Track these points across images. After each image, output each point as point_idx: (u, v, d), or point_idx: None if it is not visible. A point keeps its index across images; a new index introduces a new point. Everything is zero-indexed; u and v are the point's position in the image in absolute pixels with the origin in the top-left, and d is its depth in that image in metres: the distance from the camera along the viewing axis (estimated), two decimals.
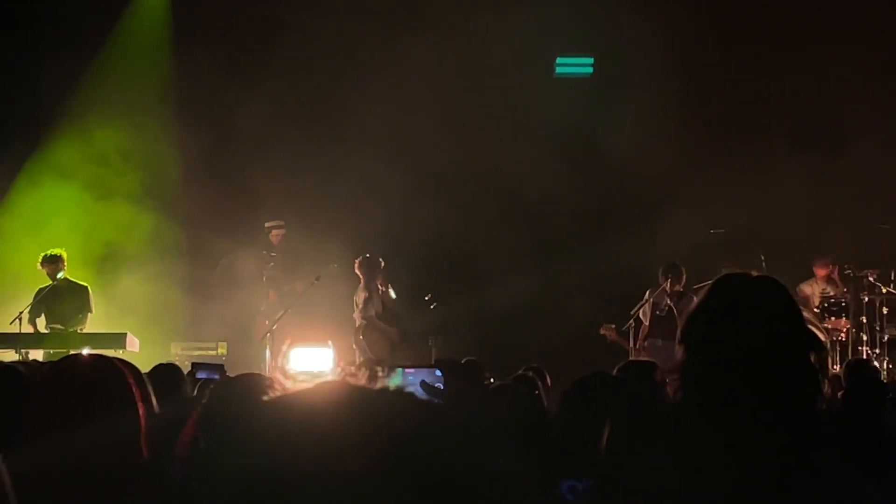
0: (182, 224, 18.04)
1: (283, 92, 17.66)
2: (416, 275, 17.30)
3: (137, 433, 3.93)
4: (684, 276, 15.53)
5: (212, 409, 3.93)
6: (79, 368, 4.13)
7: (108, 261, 17.42)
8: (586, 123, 18.05)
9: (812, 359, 3.05)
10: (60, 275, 15.49)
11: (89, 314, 15.61)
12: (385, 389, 1.78)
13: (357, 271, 16.23)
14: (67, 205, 17.49)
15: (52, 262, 15.55)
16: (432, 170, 18.01)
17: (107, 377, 4.06)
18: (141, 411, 3.98)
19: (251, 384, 4.14)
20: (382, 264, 16.33)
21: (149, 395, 4.30)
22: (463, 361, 5.34)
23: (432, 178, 17.99)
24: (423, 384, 4.20)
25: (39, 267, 15.63)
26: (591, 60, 18.94)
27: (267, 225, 17.85)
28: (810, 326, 3.10)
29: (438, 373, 4.24)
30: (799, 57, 17.61)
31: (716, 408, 2.99)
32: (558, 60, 19.02)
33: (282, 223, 17.84)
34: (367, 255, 16.30)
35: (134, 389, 4.05)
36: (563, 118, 17.83)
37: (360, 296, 16.22)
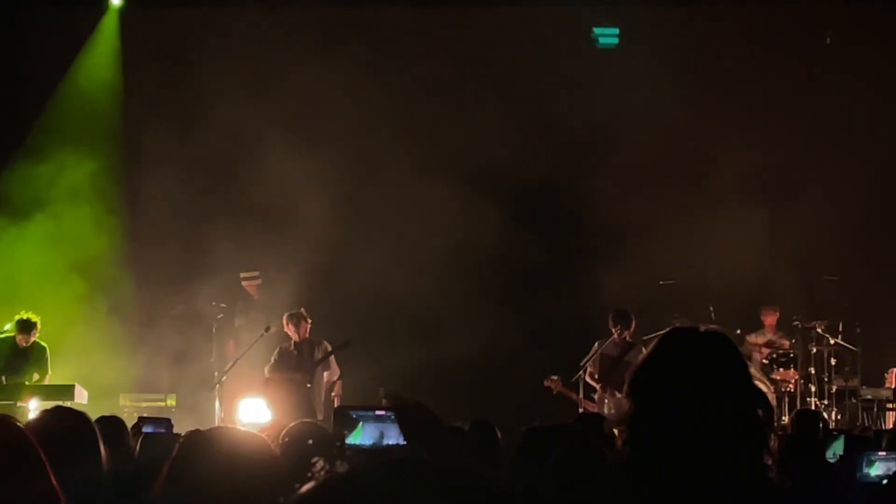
0: (134, 271, 17.88)
1: (226, 142, 17.65)
2: (365, 326, 17.23)
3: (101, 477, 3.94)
4: (633, 324, 15.40)
5: (182, 460, 3.87)
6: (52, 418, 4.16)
7: (57, 309, 17.13)
8: (536, 177, 18.03)
9: (760, 415, 3.04)
10: (31, 341, 15.11)
11: (47, 375, 15.20)
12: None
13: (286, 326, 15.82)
14: (19, 252, 17.27)
15: (27, 330, 15.06)
16: (382, 221, 17.98)
17: (78, 425, 4.09)
18: (104, 456, 4.01)
19: (220, 441, 4.01)
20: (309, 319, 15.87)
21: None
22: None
23: (382, 229, 17.95)
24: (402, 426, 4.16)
25: (10, 327, 15.30)
26: None
27: (242, 275, 17.58)
28: (757, 382, 3.10)
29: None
30: (748, 109, 17.74)
31: (658, 464, 2.98)
32: None
33: (256, 274, 17.55)
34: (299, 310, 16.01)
35: (99, 436, 4.09)
36: (512, 173, 17.81)
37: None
